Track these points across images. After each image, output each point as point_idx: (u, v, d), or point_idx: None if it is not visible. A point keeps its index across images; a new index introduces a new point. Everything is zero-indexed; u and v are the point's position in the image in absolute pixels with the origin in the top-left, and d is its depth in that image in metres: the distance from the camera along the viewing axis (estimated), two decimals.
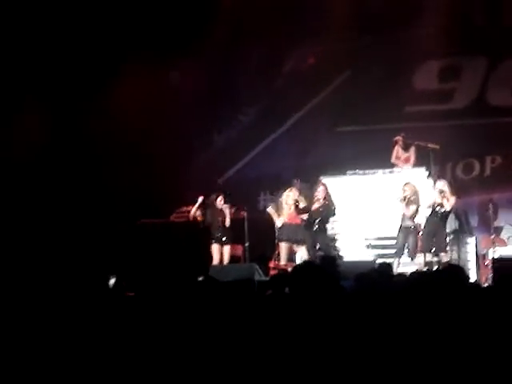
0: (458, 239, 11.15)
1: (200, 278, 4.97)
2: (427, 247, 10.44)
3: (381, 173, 11.81)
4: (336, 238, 11.56)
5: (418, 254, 10.48)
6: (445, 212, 10.47)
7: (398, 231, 10.61)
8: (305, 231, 10.82)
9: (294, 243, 10.82)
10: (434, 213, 10.49)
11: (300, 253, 10.89)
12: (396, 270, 9.82)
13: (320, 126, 13.34)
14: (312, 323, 3.60)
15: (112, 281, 6.11)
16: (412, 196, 10.54)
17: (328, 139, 13.22)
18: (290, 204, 10.77)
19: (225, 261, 11.16)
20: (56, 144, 12.55)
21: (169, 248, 11.36)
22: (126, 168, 12.47)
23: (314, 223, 10.77)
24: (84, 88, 12.62)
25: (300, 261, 10.87)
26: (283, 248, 10.77)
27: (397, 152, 12.01)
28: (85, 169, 12.76)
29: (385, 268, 6.67)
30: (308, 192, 11.31)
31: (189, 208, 12.00)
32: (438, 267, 9.66)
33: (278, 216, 10.90)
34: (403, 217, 10.57)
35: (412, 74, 13.32)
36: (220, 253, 11.13)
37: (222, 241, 11.15)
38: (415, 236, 10.53)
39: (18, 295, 4.62)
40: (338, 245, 11.50)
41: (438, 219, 10.49)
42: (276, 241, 11.03)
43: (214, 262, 11.04)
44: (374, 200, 11.42)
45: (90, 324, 3.98)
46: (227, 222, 11.16)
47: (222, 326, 3.77)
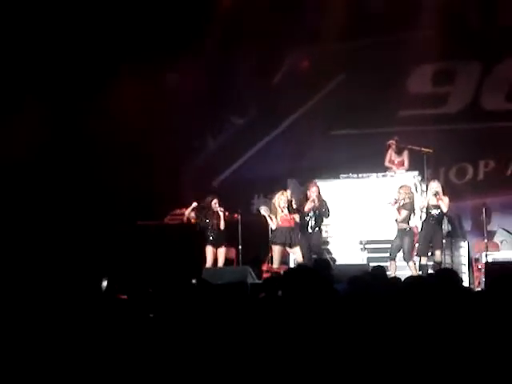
0: (451, 243, 11.17)
1: (193, 281, 4.97)
2: (424, 251, 10.42)
3: (374, 176, 11.83)
4: (329, 241, 11.57)
5: (415, 258, 10.47)
6: (441, 213, 10.44)
7: (396, 234, 10.61)
8: (298, 233, 10.81)
9: (288, 246, 10.81)
10: (430, 216, 10.46)
11: (294, 256, 10.89)
12: (391, 273, 9.82)
13: (314, 130, 13.33)
14: (305, 326, 3.60)
15: (104, 283, 6.09)
16: (405, 200, 10.53)
17: (322, 143, 13.22)
18: (283, 207, 10.75)
19: (220, 263, 11.15)
20: (55, 143, 12.54)
21: (162, 250, 11.35)
22: (122, 168, 12.47)
23: (308, 224, 10.77)
24: (83, 88, 12.62)
25: (294, 264, 10.89)
26: (276, 251, 10.74)
27: (390, 156, 12.04)
28: (80, 169, 12.75)
29: (378, 271, 6.66)
30: (300, 193, 11.33)
31: (183, 210, 11.99)
32: (432, 271, 9.67)
33: (271, 219, 10.88)
34: (396, 220, 10.57)
35: (406, 78, 13.32)
36: (214, 255, 11.12)
37: (217, 243, 11.14)
38: (411, 238, 10.51)
39: (11, 293, 4.61)
40: (332, 248, 11.50)
41: (434, 222, 10.44)
42: (269, 244, 11.02)
43: (208, 265, 11.03)
44: (368, 203, 11.43)
45: (82, 325, 3.97)
46: (222, 225, 11.16)
47: (215, 329, 3.77)
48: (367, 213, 11.37)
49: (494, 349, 3.45)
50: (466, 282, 10.48)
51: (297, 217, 10.81)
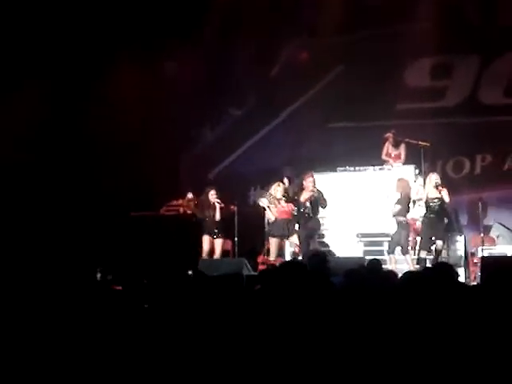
0: (448, 237, 11.16)
1: (189, 272, 4.97)
2: (426, 246, 10.39)
3: (371, 170, 11.83)
4: (325, 234, 11.56)
5: (411, 251, 10.46)
6: (441, 205, 10.37)
7: (396, 229, 10.60)
8: (295, 224, 10.79)
9: (285, 238, 10.80)
10: (429, 209, 10.42)
11: (290, 248, 10.88)
12: (390, 267, 9.82)
13: (311, 122, 13.31)
14: (301, 318, 3.59)
15: (99, 274, 6.09)
16: (401, 192, 10.54)
17: (319, 135, 13.20)
18: (279, 198, 10.73)
19: (217, 254, 11.14)
20: (52, 130, 12.50)
21: (158, 241, 11.33)
22: (120, 158, 12.44)
23: (305, 213, 10.73)
24: (82, 75, 12.57)
25: (290, 256, 10.89)
26: (273, 243, 10.72)
27: (387, 149, 12.03)
28: (76, 158, 12.72)
29: (374, 264, 6.66)
30: (297, 185, 11.33)
31: (179, 202, 11.98)
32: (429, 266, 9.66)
33: (271, 210, 10.84)
34: (393, 213, 10.57)
35: (404, 71, 13.30)
36: (211, 244, 11.10)
37: (214, 234, 11.13)
38: (406, 231, 10.50)
39: (6, 283, 4.60)
40: (328, 241, 11.50)
41: (434, 215, 10.40)
42: (266, 236, 11.00)
43: (205, 253, 11.01)
44: (365, 196, 11.43)
45: (77, 315, 3.96)
46: (217, 216, 11.15)
47: (210, 320, 3.76)
48: (364, 206, 11.37)
49: (490, 342, 3.45)
50: (462, 277, 10.48)
51: (294, 207, 10.77)
